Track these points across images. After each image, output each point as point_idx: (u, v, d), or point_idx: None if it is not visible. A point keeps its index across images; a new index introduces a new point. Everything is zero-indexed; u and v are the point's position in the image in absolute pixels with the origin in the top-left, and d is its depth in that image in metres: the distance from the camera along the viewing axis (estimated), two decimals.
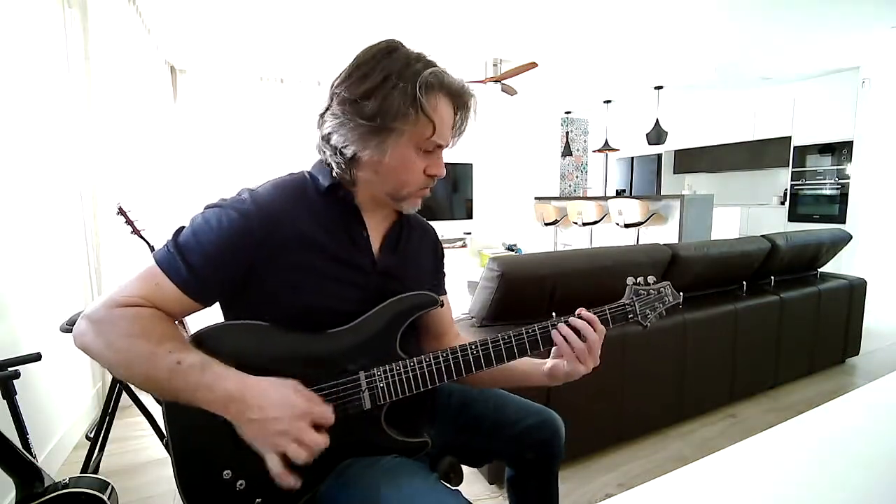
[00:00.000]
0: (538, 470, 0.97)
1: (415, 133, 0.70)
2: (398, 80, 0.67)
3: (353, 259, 0.76)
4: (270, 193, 0.73)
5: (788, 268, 2.45)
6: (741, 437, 0.56)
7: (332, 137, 0.72)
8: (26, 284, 1.63)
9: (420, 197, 0.79)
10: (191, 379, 0.61)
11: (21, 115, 1.67)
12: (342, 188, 0.76)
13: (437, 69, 0.71)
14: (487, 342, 0.76)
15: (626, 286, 0.85)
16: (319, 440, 0.62)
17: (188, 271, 0.66)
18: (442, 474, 0.88)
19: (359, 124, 0.68)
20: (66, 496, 1.03)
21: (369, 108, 0.67)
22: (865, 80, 4.48)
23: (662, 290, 0.86)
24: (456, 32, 3.64)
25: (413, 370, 0.73)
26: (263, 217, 0.69)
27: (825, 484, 0.50)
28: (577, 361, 0.78)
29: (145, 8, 3.06)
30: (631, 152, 7.30)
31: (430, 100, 0.69)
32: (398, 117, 0.68)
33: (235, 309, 0.73)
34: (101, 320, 0.63)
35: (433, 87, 0.70)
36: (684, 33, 3.75)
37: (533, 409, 0.95)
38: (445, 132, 0.74)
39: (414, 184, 0.75)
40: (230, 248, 0.67)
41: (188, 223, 0.70)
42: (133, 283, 0.66)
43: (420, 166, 0.74)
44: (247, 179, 0.92)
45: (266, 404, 0.61)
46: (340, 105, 0.70)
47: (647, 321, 0.83)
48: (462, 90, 0.74)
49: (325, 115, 0.72)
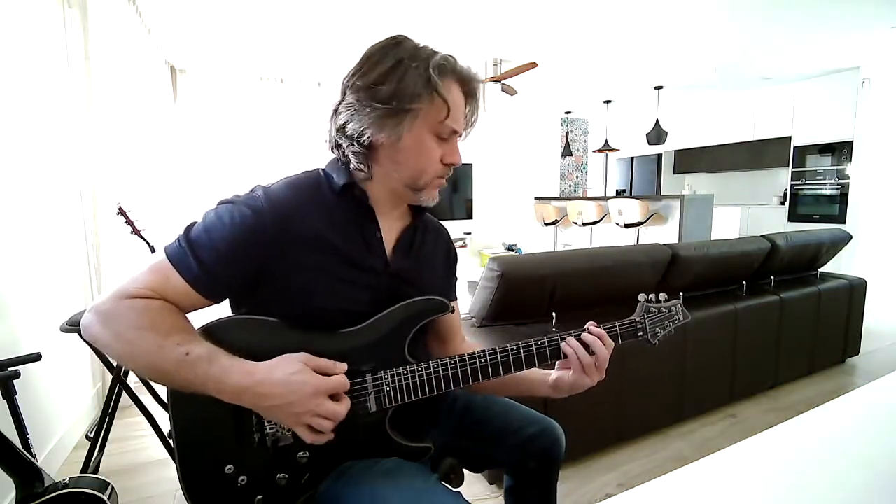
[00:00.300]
0: (538, 479, 0.96)
1: (430, 115, 0.71)
2: (411, 61, 0.69)
3: (366, 260, 0.76)
4: (284, 191, 0.72)
5: (788, 268, 2.45)
6: (741, 437, 0.56)
7: (347, 127, 0.71)
8: (26, 284, 1.63)
9: (437, 187, 0.78)
10: (199, 370, 0.61)
11: (21, 115, 1.67)
12: (357, 187, 0.76)
13: (448, 55, 0.72)
14: (496, 351, 0.75)
15: (638, 303, 0.84)
16: (339, 409, 0.64)
17: (199, 267, 0.65)
18: (442, 475, 0.88)
19: (375, 108, 0.69)
20: (66, 496, 1.03)
21: (384, 91, 0.68)
22: (865, 80, 4.48)
23: (674, 309, 0.85)
24: (456, 32, 3.63)
25: (420, 375, 0.73)
26: (276, 215, 0.69)
27: (825, 484, 0.50)
28: (583, 374, 0.78)
29: (145, 8, 3.06)
30: (631, 152, 7.30)
31: (443, 81, 0.70)
32: (414, 98, 0.68)
33: (245, 306, 0.73)
34: (110, 312, 0.63)
35: (445, 70, 0.71)
36: (684, 33, 3.75)
37: (535, 418, 0.95)
38: (459, 117, 0.74)
39: (431, 171, 0.75)
40: (242, 246, 0.67)
41: (200, 218, 0.70)
42: (143, 276, 0.66)
43: (437, 153, 0.74)
44: (247, 179, 0.92)
45: (277, 391, 0.61)
46: (355, 94, 0.70)
47: (656, 339, 0.82)
48: (471, 77, 0.75)
49: (339, 108, 0.73)
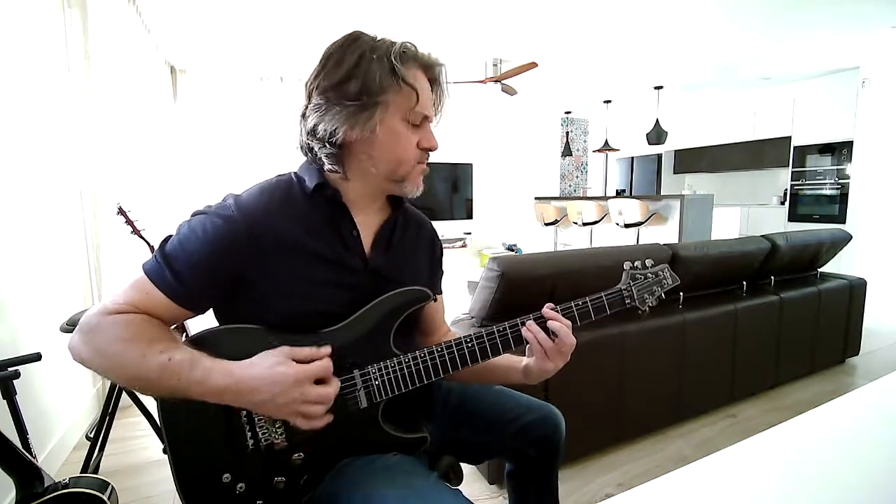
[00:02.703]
0: (539, 466, 0.96)
1: (400, 104, 0.71)
2: (372, 53, 0.69)
3: (343, 260, 0.75)
4: (256, 198, 0.72)
5: (788, 268, 2.45)
6: (741, 437, 0.56)
7: (318, 128, 0.71)
8: (26, 284, 1.63)
9: (420, 174, 0.78)
10: (182, 376, 0.61)
11: (21, 115, 1.67)
12: (329, 187, 0.75)
13: (407, 42, 0.72)
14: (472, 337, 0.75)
15: (623, 271, 0.82)
16: (327, 391, 0.65)
17: (175, 280, 0.66)
18: (441, 474, 0.88)
19: (345, 105, 0.69)
20: (66, 496, 1.03)
21: (352, 87, 0.68)
22: (865, 80, 4.48)
23: (661, 274, 0.83)
24: (456, 32, 3.64)
25: (408, 366, 0.73)
26: (249, 223, 0.69)
27: (825, 484, 0.50)
28: (546, 359, 0.76)
29: (145, 8, 3.06)
30: (631, 152, 7.30)
31: (407, 69, 0.70)
32: (382, 90, 0.69)
33: (228, 314, 0.73)
34: (93, 328, 0.64)
35: (407, 59, 0.71)
36: (685, 33, 3.74)
37: (533, 405, 0.95)
38: (427, 103, 0.74)
39: (409, 159, 0.75)
40: (216, 256, 0.67)
41: (175, 231, 0.70)
42: (124, 293, 0.67)
43: (412, 140, 0.74)
44: (247, 179, 0.92)
45: (259, 386, 0.62)
46: (322, 94, 0.70)
47: (644, 306, 0.80)
48: (433, 62, 0.75)
49: (307, 112, 0.73)
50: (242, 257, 0.68)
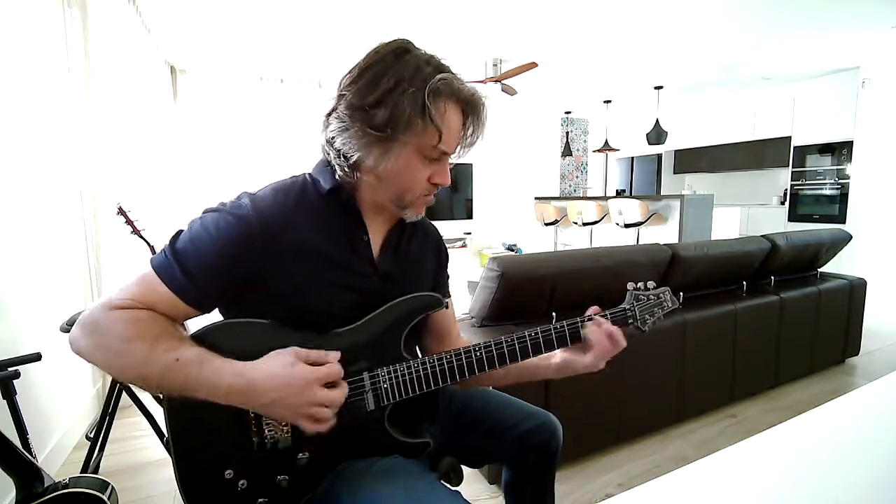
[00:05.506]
0: (536, 473, 0.97)
1: (421, 141, 0.69)
2: (409, 85, 0.66)
3: (353, 264, 0.75)
4: (270, 198, 0.71)
5: (788, 268, 2.45)
6: (741, 437, 0.56)
7: (335, 141, 0.70)
8: (26, 284, 1.63)
9: (423, 204, 0.78)
10: (190, 375, 0.61)
11: (21, 115, 1.67)
12: (344, 191, 0.75)
13: (448, 75, 0.69)
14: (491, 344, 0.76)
15: (627, 291, 0.85)
16: (336, 395, 0.65)
17: (185, 278, 0.65)
18: (442, 474, 0.89)
19: (366, 132, 0.67)
20: (66, 496, 1.03)
21: (379, 117, 0.66)
22: (865, 80, 4.48)
23: (662, 296, 0.86)
24: (456, 32, 3.63)
25: (417, 371, 0.73)
26: (263, 222, 0.68)
27: (825, 484, 0.50)
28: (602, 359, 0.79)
29: (145, 8, 3.06)
30: (631, 152, 7.30)
31: (437, 107, 0.67)
32: (407, 127, 0.67)
33: (234, 313, 0.73)
34: (97, 323, 0.63)
35: (441, 94, 0.68)
36: (685, 33, 3.74)
37: (532, 412, 0.96)
38: (451, 140, 0.72)
39: (417, 190, 0.74)
40: (228, 255, 0.66)
41: (186, 227, 0.69)
42: (130, 288, 0.66)
43: (424, 174, 0.73)
44: (247, 180, 0.92)
45: (269, 387, 0.61)
46: (348, 110, 0.68)
47: (645, 326, 0.83)
48: (472, 97, 0.72)
49: (331, 118, 0.71)
50: (255, 257, 0.68)
